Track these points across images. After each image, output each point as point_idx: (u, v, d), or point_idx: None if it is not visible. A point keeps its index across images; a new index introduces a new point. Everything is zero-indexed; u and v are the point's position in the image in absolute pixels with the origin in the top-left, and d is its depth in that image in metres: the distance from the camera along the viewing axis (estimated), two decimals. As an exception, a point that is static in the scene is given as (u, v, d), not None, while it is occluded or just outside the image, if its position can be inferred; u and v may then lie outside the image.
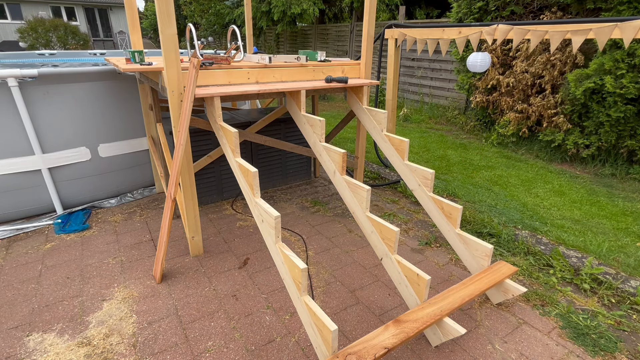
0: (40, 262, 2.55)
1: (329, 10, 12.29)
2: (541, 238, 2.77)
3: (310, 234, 2.96)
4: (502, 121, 5.06)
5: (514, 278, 2.36)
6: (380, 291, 2.30)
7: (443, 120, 6.56)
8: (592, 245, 2.68)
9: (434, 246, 2.81)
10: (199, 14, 16.32)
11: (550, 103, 4.42)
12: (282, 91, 2.50)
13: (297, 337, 1.93)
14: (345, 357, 1.50)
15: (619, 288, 2.24)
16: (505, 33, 2.33)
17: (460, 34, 2.59)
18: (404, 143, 2.46)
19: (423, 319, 1.70)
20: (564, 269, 2.44)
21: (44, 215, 3.16)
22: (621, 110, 3.73)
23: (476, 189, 3.72)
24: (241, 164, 2.07)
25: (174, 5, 2.04)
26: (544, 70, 4.44)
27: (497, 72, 4.97)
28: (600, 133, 4.05)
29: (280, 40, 13.45)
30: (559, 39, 2.13)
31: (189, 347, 1.87)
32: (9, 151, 2.85)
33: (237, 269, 2.50)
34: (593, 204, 3.41)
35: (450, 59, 6.66)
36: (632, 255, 2.57)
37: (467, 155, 4.78)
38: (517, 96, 4.81)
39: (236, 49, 2.83)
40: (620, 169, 4.04)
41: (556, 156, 4.57)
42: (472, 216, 3.07)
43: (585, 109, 4.13)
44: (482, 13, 4.93)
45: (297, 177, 4.00)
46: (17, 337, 1.92)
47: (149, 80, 2.81)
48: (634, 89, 3.57)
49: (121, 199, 3.49)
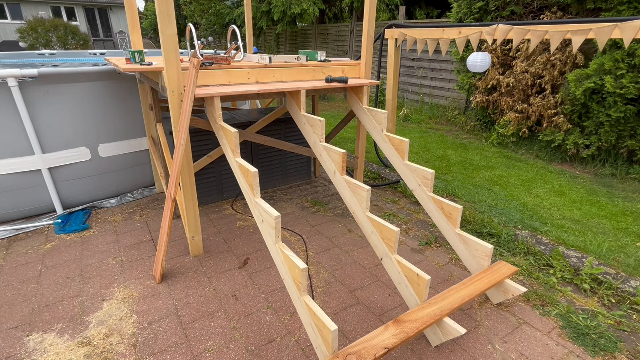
0: (40, 262, 2.55)
1: (329, 10, 12.29)
2: (541, 238, 2.77)
3: (310, 233, 2.96)
4: (502, 121, 5.06)
5: (514, 278, 2.36)
6: (380, 291, 2.30)
7: (443, 120, 6.56)
8: (592, 245, 2.68)
9: (434, 246, 2.81)
10: (199, 14, 16.31)
11: (550, 103, 4.42)
12: (282, 91, 2.50)
13: (297, 337, 1.93)
14: (345, 357, 1.50)
15: (619, 288, 2.24)
16: (505, 33, 2.33)
17: (460, 34, 2.59)
18: (404, 143, 2.46)
19: (423, 319, 1.70)
20: (563, 269, 2.44)
21: (43, 215, 3.16)
22: (621, 110, 3.74)
23: (476, 189, 3.72)
24: (241, 163, 2.07)
25: (174, 5, 2.04)
26: (544, 70, 4.44)
27: (497, 72, 4.97)
28: (600, 133, 4.05)
29: (280, 40, 13.45)
30: (559, 39, 2.13)
31: (189, 347, 1.87)
32: (9, 151, 2.85)
33: (237, 269, 2.50)
34: (593, 204, 3.41)
35: (450, 59, 6.66)
36: (632, 255, 2.58)
37: (467, 155, 4.78)
38: (517, 96, 4.81)
39: (236, 49, 2.83)
40: (620, 169, 4.04)
41: (556, 156, 4.57)
42: (472, 216, 3.07)
43: (585, 109, 4.13)
44: (482, 13, 4.93)
45: (297, 177, 4.00)
46: (17, 337, 1.92)
47: (149, 80, 2.81)
48: (634, 89, 3.57)
49: (121, 199, 3.49)
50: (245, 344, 1.89)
